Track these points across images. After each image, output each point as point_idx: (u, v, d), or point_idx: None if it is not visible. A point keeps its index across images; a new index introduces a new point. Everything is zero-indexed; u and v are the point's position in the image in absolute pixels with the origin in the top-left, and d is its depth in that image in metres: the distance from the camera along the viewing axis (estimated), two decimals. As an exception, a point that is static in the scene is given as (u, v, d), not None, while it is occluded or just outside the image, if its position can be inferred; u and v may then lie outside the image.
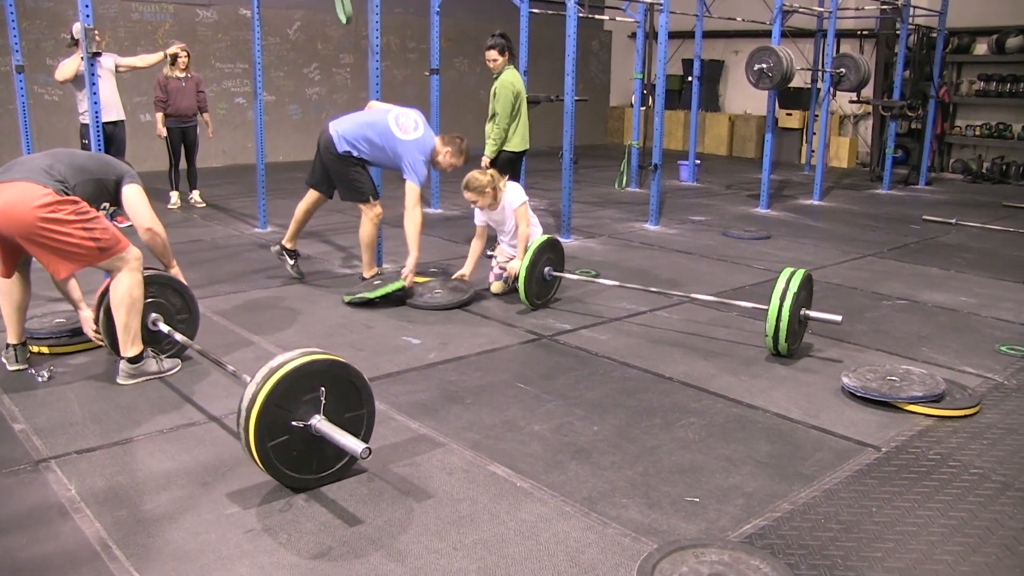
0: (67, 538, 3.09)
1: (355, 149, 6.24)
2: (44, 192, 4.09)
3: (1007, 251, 8.58)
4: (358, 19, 14.51)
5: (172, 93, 9.60)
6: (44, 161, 4.29)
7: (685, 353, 5.27)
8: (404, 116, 6.34)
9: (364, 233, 6.49)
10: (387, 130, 6.23)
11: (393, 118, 6.29)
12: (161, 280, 4.80)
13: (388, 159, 6.32)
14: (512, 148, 7.72)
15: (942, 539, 3.19)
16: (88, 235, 4.22)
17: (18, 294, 4.60)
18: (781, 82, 10.11)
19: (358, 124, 6.32)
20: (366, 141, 6.24)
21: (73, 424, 4.04)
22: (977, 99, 14.61)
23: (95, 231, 4.25)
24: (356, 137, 6.23)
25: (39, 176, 4.15)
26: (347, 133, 6.24)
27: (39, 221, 4.07)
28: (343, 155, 6.24)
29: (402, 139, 6.21)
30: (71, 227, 4.16)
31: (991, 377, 4.94)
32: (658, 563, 2.91)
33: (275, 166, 13.02)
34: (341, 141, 6.22)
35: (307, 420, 3.37)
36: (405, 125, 6.27)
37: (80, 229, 4.19)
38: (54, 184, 4.16)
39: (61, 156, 4.41)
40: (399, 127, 6.24)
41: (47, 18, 12.03)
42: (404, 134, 6.22)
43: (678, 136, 17.64)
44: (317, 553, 3.03)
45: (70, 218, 4.15)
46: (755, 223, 9.88)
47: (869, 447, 3.97)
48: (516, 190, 6.27)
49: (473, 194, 6.14)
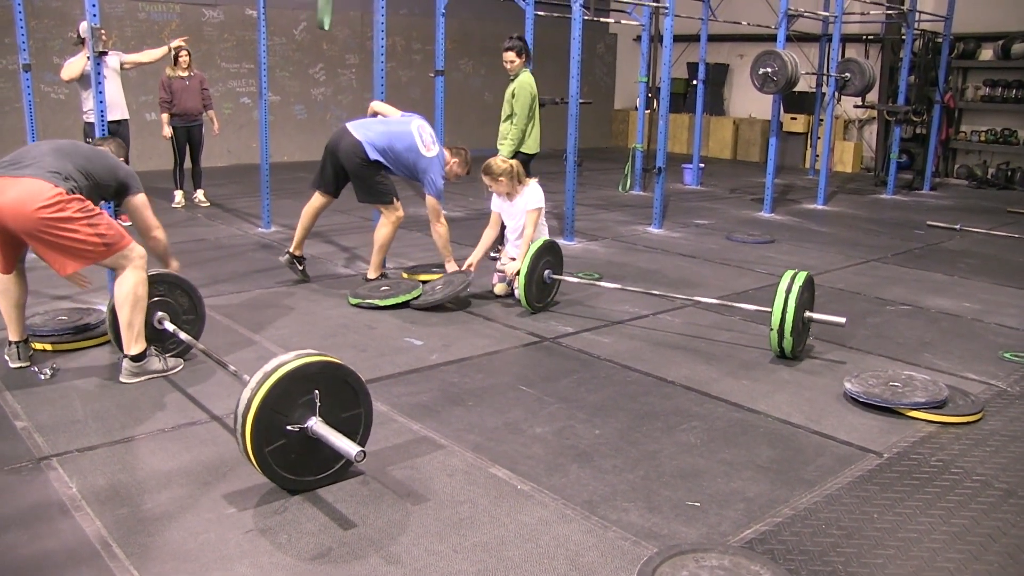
0: (68, 536, 3.09)
1: (384, 157, 6.32)
2: (51, 189, 4.10)
3: (1012, 257, 8.56)
4: (364, 20, 14.54)
5: (176, 93, 9.61)
6: (52, 158, 4.29)
7: (687, 357, 5.26)
8: (423, 130, 6.48)
9: (382, 235, 6.51)
10: (414, 145, 6.38)
11: (416, 131, 6.42)
12: (170, 280, 4.82)
13: (409, 171, 6.47)
14: (526, 150, 7.71)
15: (944, 546, 3.18)
16: (93, 231, 4.23)
17: (15, 291, 4.60)
18: (786, 86, 10.12)
19: (383, 135, 6.37)
20: (392, 151, 6.34)
21: (75, 422, 4.04)
22: (982, 104, 14.60)
23: (100, 227, 4.26)
24: (384, 147, 6.31)
25: (47, 174, 4.16)
26: (376, 142, 6.29)
27: (45, 219, 4.08)
28: (374, 162, 6.30)
29: (427, 156, 6.40)
30: (77, 224, 4.17)
31: (994, 384, 4.93)
32: (658, 567, 2.90)
33: (279, 166, 13.04)
34: (372, 149, 6.26)
35: (303, 423, 3.36)
36: (427, 141, 6.44)
37: (86, 226, 4.20)
38: (63, 183, 4.17)
39: (68, 152, 4.41)
40: (423, 143, 6.41)
41: (55, 17, 12.05)
42: (428, 151, 6.42)
43: (682, 139, 17.64)
44: (317, 554, 3.03)
45: (76, 215, 4.16)
46: (759, 227, 9.87)
47: (871, 453, 3.97)
48: (537, 193, 6.28)
49: (490, 179, 6.20)
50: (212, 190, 10.54)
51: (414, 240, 8.36)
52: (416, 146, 6.36)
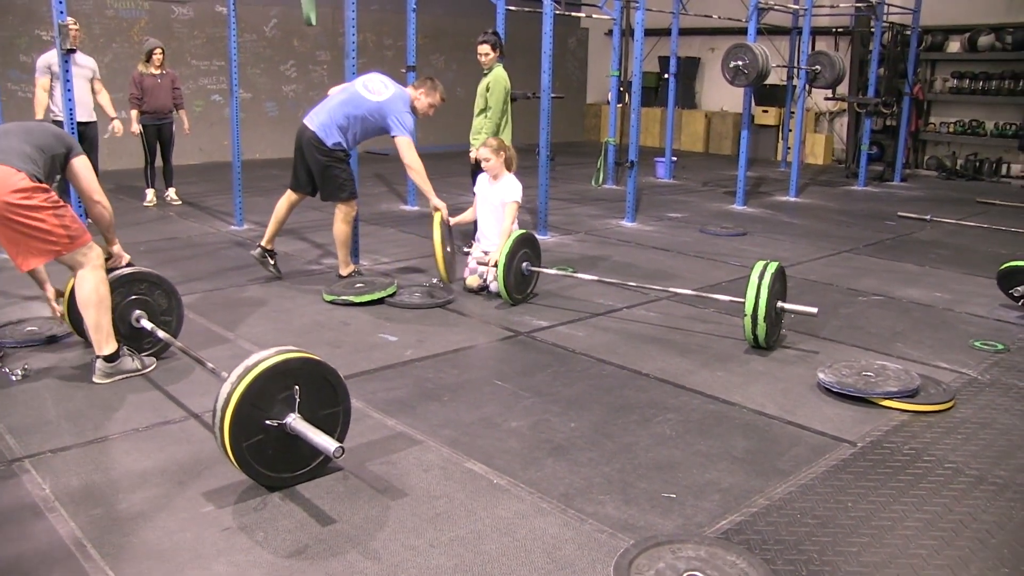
0: (41, 537, 3.07)
1: (344, 136, 6.24)
2: (20, 177, 4.07)
3: (981, 247, 8.65)
4: (335, 16, 14.47)
5: (148, 90, 9.52)
6: (18, 142, 4.23)
7: (662, 349, 5.28)
8: (370, 80, 6.38)
9: (339, 232, 6.47)
10: (360, 98, 6.26)
11: (361, 85, 6.33)
12: (152, 279, 4.79)
13: (374, 125, 6.34)
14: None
15: (917, 533, 3.22)
16: (59, 222, 4.19)
17: None
18: (757, 79, 10.16)
19: (333, 109, 6.28)
20: (348, 118, 6.23)
21: (47, 423, 4.01)
22: (951, 96, 14.73)
23: (65, 218, 4.23)
24: (339, 121, 6.21)
25: (15, 160, 4.12)
26: (328, 122, 6.21)
27: (13, 204, 4.05)
28: (334, 147, 6.22)
29: (378, 101, 6.27)
30: (44, 213, 4.14)
31: (965, 372, 4.99)
32: (635, 559, 2.92)
33: (252, 163, 12.96)
34: (327, 132, 6.19)
35: (282, 419, 3.35)
36: (375, 88, 6.32)
37: (52, 216, 4.17)
38: (29, 167, 4.13)
39: (33, 134, 4.35)
40: (370, 91, 6.29)
41: (20, 14, 11.91)
42: (378, 96, 6.28)
43: (655, 133, 17.67)
44: (293, 551, 3.02)
45: (44, 204, 4.14)
46: (731, 220, 9.92)
47: (845, 442, 4.00)
48: (517, 185, 6.35)
49: (488, 150, 6.25)
50: (184, 188, 10.46)
51: (388, 236, 8.34)
52: (364, 98, 6.24)
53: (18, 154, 4.16)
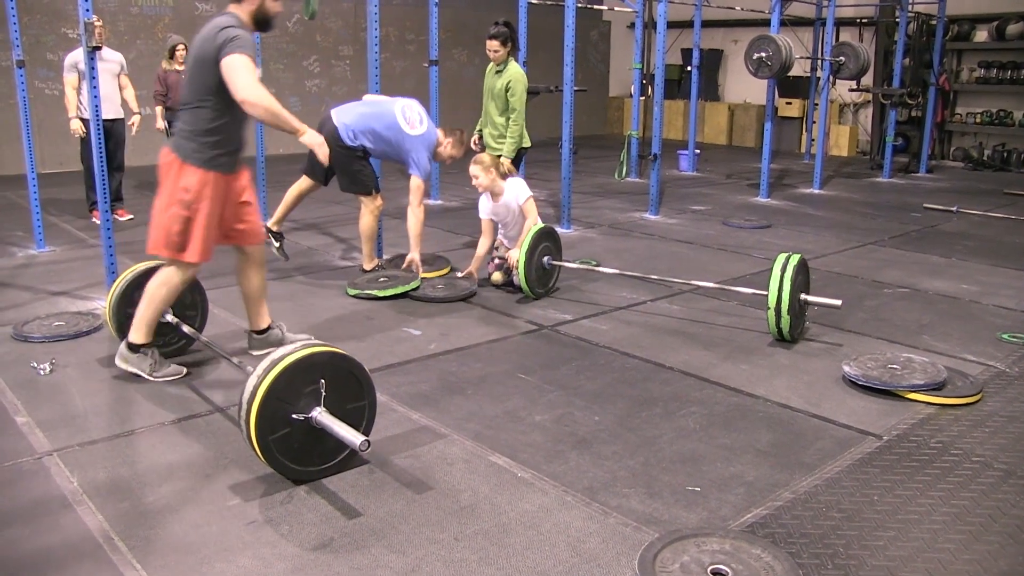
0: (69, 530, 3.10)
1: (364, 140, 6.25)
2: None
3: (1008, 238, 8.57)
4: (357, 11, 14.50)
5: (172, 86, 9.56)
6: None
7: (685, 342, 5.27)
8: (410, 109, 6.35)
9: (364, 225, 6.49)
10: (395, 124, 6.25)
11: (400, 110, 6.30)
12: None
13: (393, 152, 6.35)
14: (524, 144, 7.28)
15: (944, 527, 3.19)
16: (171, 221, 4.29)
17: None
18: (780, 71, 10.09)
19: (363, 116, 6.29)
20: (372, 133, 6.23)
21: (75, 417, 4.05)
22: (977, 86, 14.59)
23: (176, 224, 4.30)
24: (363, 129, 6.22)
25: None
26: (354, 125, 6.22)
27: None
28: (352, 147, 6.23)
29: (410, 134, 6.26)
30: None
31: (993, 365, 4.94)
32: (659, 552, 2.91)
33: (275, 158, 12.99)
34: (349, 133, 6.20)
35: (308, 412, 3.37)
36: (412, 119, 6.30)
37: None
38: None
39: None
40: (406, 121, 6.27)
41: (47, 13, 12.00)
42: (412, 129, 6.27)
43: (677, 126, 17.60)
44: (318, 544, 3.04)
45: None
46: (755, 212, 9.87)
47: (870, 436, 3.98)
48: (521, 185, 6.31)
49: (478, 168, 6.17)
50: (208, 183, 10.49)
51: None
52: (398, 125, 6.24)
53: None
